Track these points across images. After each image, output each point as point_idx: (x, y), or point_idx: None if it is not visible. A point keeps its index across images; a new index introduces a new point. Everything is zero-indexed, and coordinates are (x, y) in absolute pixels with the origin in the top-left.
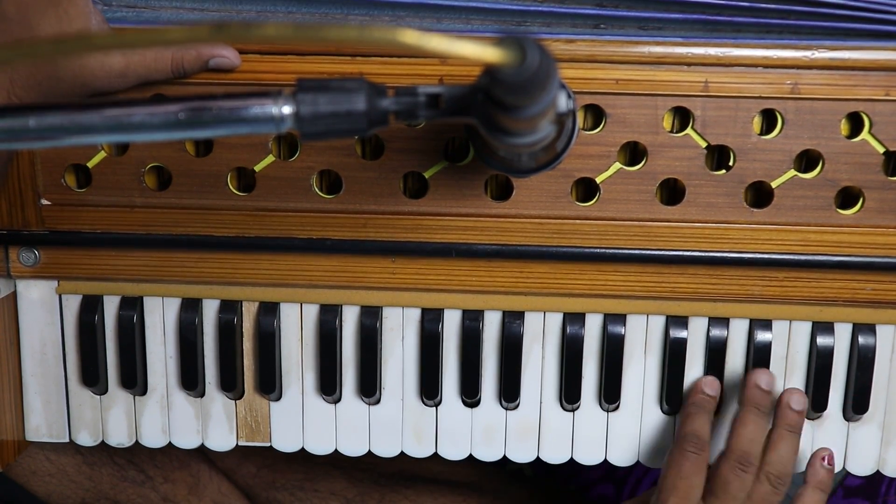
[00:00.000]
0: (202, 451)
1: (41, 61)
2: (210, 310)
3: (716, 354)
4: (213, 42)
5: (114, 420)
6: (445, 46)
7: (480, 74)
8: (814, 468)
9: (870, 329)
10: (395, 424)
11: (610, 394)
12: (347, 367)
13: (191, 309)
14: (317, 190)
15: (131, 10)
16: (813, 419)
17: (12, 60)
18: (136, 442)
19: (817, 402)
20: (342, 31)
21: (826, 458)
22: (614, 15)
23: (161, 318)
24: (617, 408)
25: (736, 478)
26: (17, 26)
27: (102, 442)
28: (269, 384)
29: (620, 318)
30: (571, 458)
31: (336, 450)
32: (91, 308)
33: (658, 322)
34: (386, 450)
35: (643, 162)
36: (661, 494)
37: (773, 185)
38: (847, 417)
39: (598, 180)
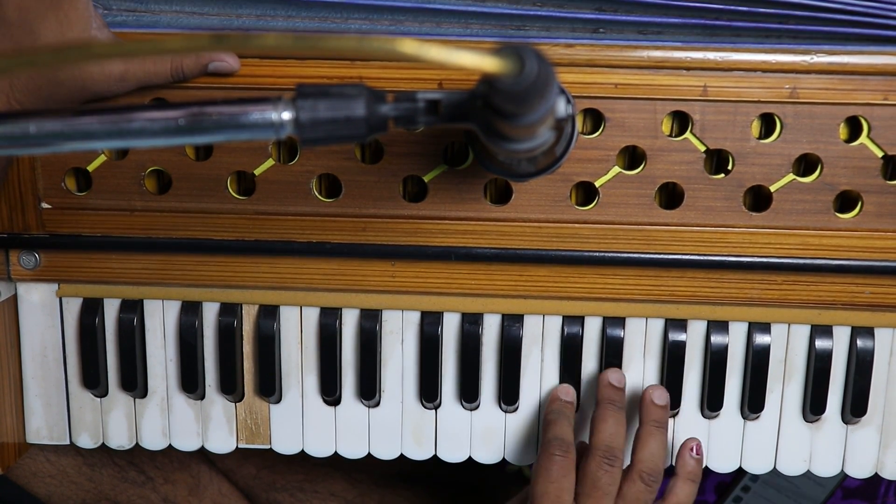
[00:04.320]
0: (202, 453)
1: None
2: (210, 313)
3: (715, 357)
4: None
5: (114, 422)
6: (444, 56)
7: (479, 82)
8: (683, 459)
9: (868, 332)
10: (394, 427)
11: None
12: (347, 370)
13: (191, 312)
14: (316, 194)
15: (131, 14)
16: (811, 422)
17: (13, 69)
18: (137, 444)
19: (816, 405)
20: (341, 42)
21: (694, 447)
22: (613, 19)
23: (161, 320)
24: None
25: (605, 473)
26: (17, 30)
27: (103, 444)
28: (269, 387)
29: (619, 322)
30: None
31: (336, 452)
32: (91, 311)
33: (657, 325)
34: (385, 452)
35: (642, 166)
36: (534, 501)
37: (772, 188)
38: (845, 420)
39: (597, 184)
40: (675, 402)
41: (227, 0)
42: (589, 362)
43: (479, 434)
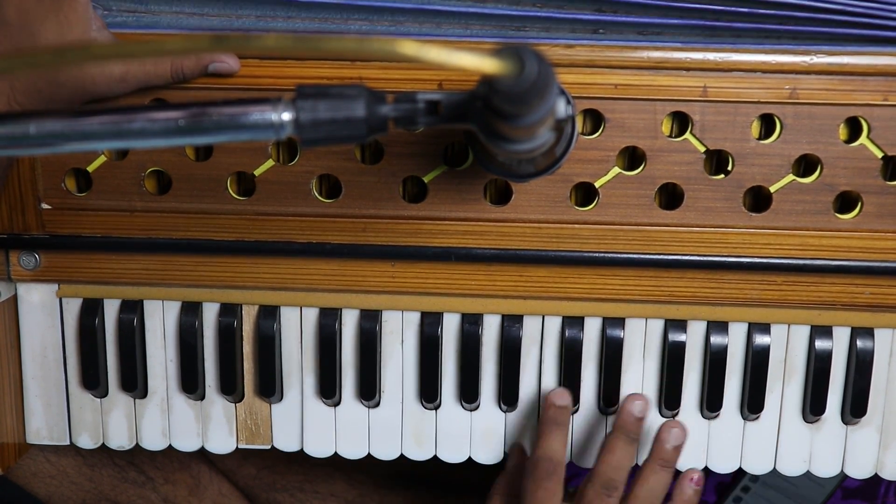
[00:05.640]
0: (203, 453)
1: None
2: (210, 313)
3: (714, 358)
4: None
5: (114, 423)
6: (444, 57)
7: (479, 83)
8: (681, 487)
9: (868, 333)
10: (394, 427)
11: (608, 397)
12: (347, 371)
13: (191, 312)
14: (316, 194)
15: (131, 15)
16: (811, 423)
17: (13, 69)
18: (137, 444)
19: (816, 406)
20: (340, 44)
21: (694, 478)
22: (613, 20)
23: (161, 321)
24: (615, 411)
25: (601, 503)
26: (17, 32)
27: (103, 444)
28: (269, 387)
29: (619, 322)
30: (570, 461)
31: (336, 452)
32: (91, 311)
33: (657, 326)
34: (385, 452)
35: (642, 166)
36: None
37: (772, 189)
38: (845, 421)
39: (596, 185)
40: (675, 403)
41: (227, 1)
42: (589, 363)
43: (480, 434)
